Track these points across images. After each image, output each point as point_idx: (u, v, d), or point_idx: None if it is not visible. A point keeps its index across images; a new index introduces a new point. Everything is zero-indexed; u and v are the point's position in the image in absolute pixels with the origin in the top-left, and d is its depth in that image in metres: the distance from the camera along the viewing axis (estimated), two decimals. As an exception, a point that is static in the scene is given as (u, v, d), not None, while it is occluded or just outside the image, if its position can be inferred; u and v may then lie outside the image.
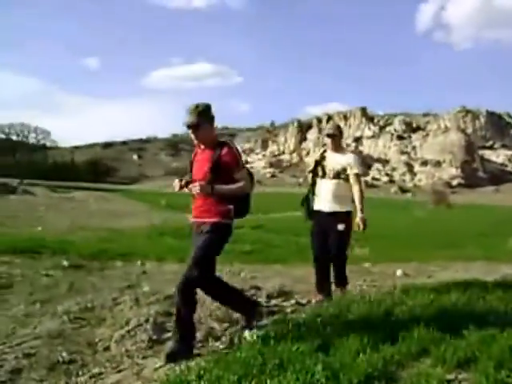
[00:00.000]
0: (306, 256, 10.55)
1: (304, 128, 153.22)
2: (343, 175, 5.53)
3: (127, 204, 38.36)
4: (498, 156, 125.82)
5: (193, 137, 4.15)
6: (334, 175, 5.53)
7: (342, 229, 5.42)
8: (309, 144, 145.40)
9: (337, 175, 5.53)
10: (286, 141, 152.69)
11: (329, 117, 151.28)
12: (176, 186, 4.22)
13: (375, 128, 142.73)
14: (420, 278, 7.59)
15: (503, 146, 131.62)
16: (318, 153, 5.84)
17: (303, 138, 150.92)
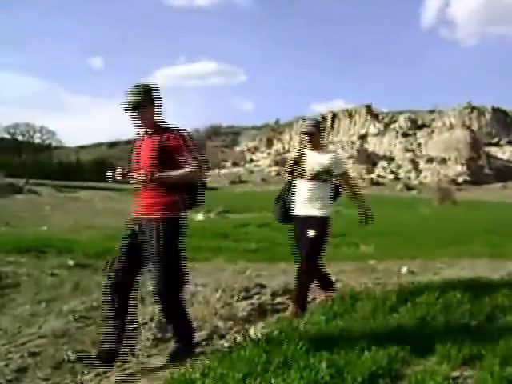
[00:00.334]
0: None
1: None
2: (323, 176, 5.10)
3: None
4: (504, 153, 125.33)
5: (135, 119, 3.74)
6: (313, 176, 5.08)
7: (312, 235, 4.93)
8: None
9: (315, 176, 5.08)
10: (291, 139, 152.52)
11: (334, 114, 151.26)
12: (117, 175, 3.79)
13: (380, 125, 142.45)
14: (425, 276, 7.56)
15: (509, 143, 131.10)
16: (296, 151, 5.38)
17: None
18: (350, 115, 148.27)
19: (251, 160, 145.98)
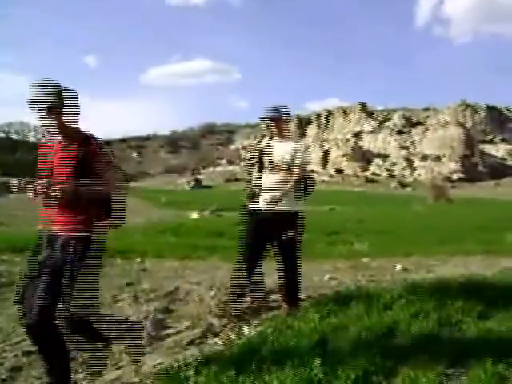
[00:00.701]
0: (306, 252, 10.57)
1: (303, 124, 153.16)
2: (291, 167, 4.75)
3: (127, 201, 38.21)
4: (498, 150, 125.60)
5: (47, 124, 3.24)
6: (281, 167, 4.74)
7: (292, 236, 4.66)
8: (308, 140, 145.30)
9: (284, 167, 4.74)
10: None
11: (328, 112, 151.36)
12: (14, 187, 3.26)
13: (375, 123, 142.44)
14: (419, 273, 7.59)
15: (503, 140, 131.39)
16: (263, 141, 5.00)
17: (302, 134, 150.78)
18: (345, 113, 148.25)
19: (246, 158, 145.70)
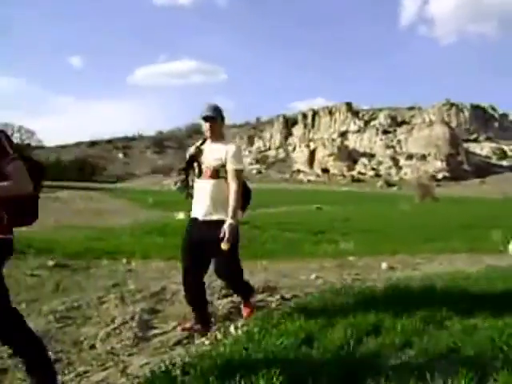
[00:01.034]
0: (293, 251, 10.63)
1: (289, 124, 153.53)
2: (224, 173, 4.31)
3: (113, 202, 38.26)
4: (483, 149, 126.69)
5: None
6: (213, 173, 4.32)
7: (227, 247, 4.11)
8: (294, 139, 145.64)
9: (216, 173, 4.32)
10: (272, 137, 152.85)
11: (314, 112, 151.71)
12: None
13: (360, 122, 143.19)
14: (405, 271, 7.66)
15: (487, 139, 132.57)
16: (194, 145, 4.54)
17: (289, 134, 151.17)
18: (331, 113, 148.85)
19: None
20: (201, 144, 4.46)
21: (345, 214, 25.15)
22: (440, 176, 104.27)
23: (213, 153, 4.35)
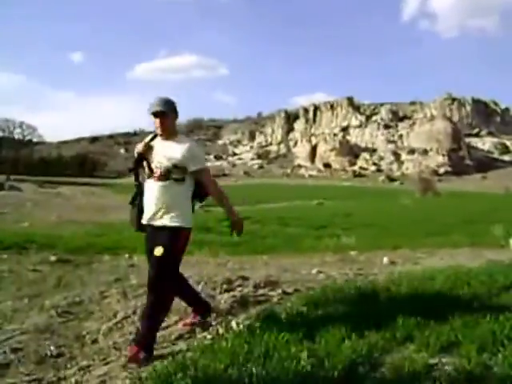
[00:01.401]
0: (294, 246, 10.64)
1: (291, 118, 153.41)
2: (176, 174, 3.87)
3: (115, 198, 38.28)
4: (484, 143, 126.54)
5: None
6: (163, 174, 3.89)
7: (160, 254, 3.79)
8: (296, 134, 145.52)
9: (166, 174, 3.88)
10: (273, 132, 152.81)
11: (315, 107, 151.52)
12: None
13: (362, 117, 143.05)
14: (406, 265, 7.65)
15: (489, 134, 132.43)
16: (143, 141, 4.10)
17: (290, 129, 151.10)
18: (332, 107, 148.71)
19: (234, 153, 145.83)
20: (150, 140, 4.04)
21: (346, 209, 25.15)
22: (441, 171, 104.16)
23: (165, 151, 3.91)
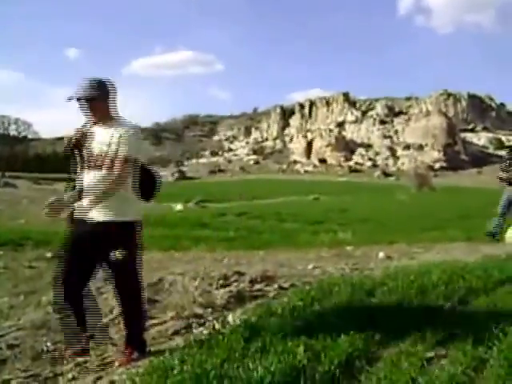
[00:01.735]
0: (290, 241, 10.64)
1: (287, 114, 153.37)
2: (112, 162, 3.41)
3: None
4: (480, 138, 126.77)
5: None
6: (96, 162, 3.45)
7: (122, 257, 3.43)
8: (292, 130, 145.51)
9: (100, 162, 3.44)
10: (269, 127, 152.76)
11: (311, 103, 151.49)
12: None
13: (358, 113, 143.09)
14: (402, 260, 7.67)
15: (484, 129, 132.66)
16: (75, 128, 3.59)
17: (286, 125, 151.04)
18: (328, 103, 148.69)
19: (230, 149, 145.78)
20: (83, 126, 3.56)
21: (342, 205, 25.19)
22: (437, 166, 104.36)
23: (98, 137, 3.47)
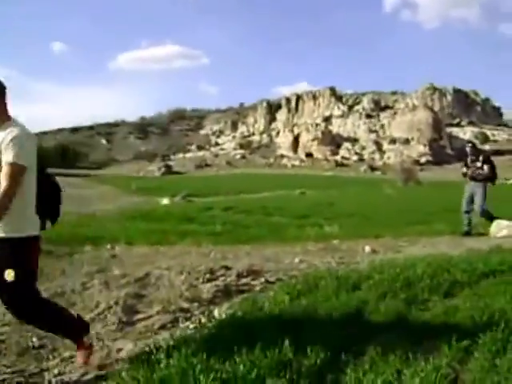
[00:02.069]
0: (277, 235, 10.66)
1: (273, 109, 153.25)
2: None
3: (97, 188, 38.11)
4: (465, 133, 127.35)
5: None
6: None
7: (12, 279, 2.99)
8: (278, 124, 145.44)
9: None
10: (256, 122, 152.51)
11: (298, 97, 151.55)
12: None
13: (344, 107, 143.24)
14: (388, 254, 7.71)
15: (470, 123, 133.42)
16: None
17: (272, 119, 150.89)
18: (314, 97, 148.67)
19: (216, 143, 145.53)
20: None
21: (329, 199, 25.25)
22: (423, 160, 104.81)
23: None
